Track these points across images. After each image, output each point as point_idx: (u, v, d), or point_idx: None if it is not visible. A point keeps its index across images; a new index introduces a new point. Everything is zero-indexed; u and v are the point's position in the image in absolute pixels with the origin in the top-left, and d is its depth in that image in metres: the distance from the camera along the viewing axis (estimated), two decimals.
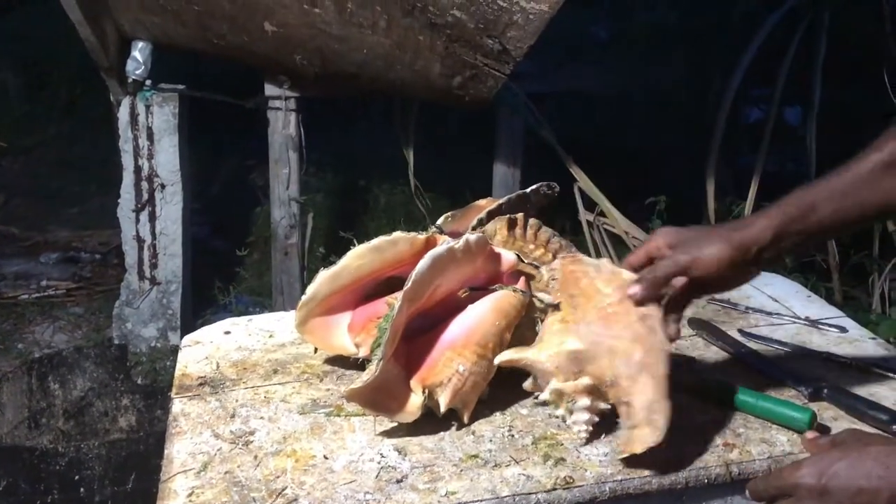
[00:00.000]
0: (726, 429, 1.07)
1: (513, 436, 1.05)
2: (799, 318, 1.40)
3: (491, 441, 1.04)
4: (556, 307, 1.07)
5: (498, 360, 1.04)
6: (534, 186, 1.29)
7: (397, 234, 1.12)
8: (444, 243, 1.07)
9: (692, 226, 1.07)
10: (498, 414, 1.09)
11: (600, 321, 1.02)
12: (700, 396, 1.12)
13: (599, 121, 4.93)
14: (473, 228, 1.23)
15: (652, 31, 5.20)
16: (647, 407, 0.97)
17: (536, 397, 1.07)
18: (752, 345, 1.29)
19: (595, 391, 1.01)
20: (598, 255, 3.10)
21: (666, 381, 0.98)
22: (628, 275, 1.05)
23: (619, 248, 3.17)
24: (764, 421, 1.08)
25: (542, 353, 1.02)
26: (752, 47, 3.13)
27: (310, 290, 1.14)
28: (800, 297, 1.49)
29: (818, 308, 1.45)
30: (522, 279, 1.13)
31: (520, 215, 1.24)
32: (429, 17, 2.31)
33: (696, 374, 1.18)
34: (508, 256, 1.14)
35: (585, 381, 1.00)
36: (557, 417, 1.05)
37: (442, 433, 1.05)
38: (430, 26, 2.35)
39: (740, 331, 1.34)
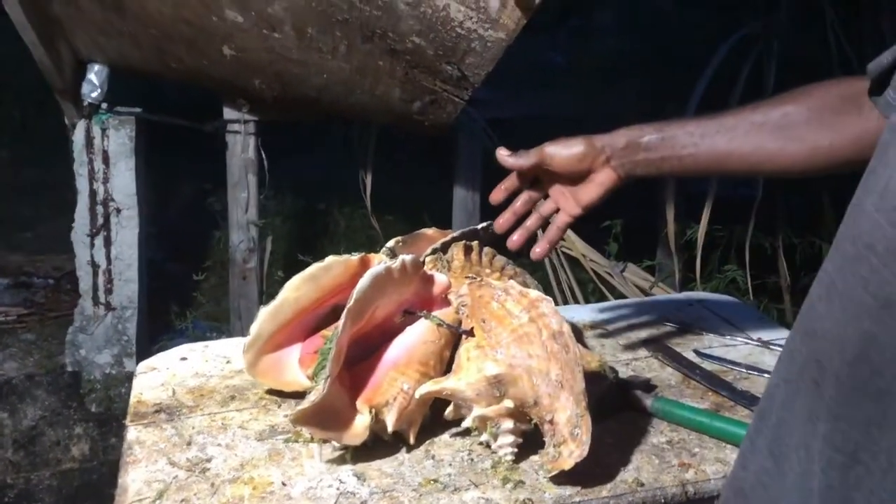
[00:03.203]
0: (682, 449, 1.09)
1: (472, 459, 1.05)
2: (752, 339, 1.43)
3: (450, 465, 1.04)
4: (470, 333, 1.08)
5: (418, 392, 1.04)
6: (483, 224, 1.31)
7: (330, 259, 1.12)
8: (380, 263, 1.08)
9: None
10: (457, 438, 1.09)
11: (515, 343, 1.03)
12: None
13: None
14: (432, 253, 1.24)
15: (608, 58, 5.31)
16: (571, 422, 0.99)
17: (458, 425, 1.07)
18: (707, 366, 1.32)
19: (517, 413, 1.02)
20: (557, 278, 3.14)
21: (584, 395, 1.01)
22: (536, 294, 1.08)
23: (577, 271, 3.20)
24: (719, 441, 1.10)
25: (461, 382, 1.03)
26: (704, 75, 3.21)
27: (253, 329, 1.13)
28: (753, 319, 1.53)
29: (770, 329, 1.48)
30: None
31: (475, 243, 1.26)
32: (388, 44, 2.33)
33: (651, 394, 1.20)
34: (440, 279, 1.15)
35: (507, 404, 1.01)
36: (482, 444, 1.06)
37: (400, 457, 1.05)
38: (390, 52, 2.37)
39: (695, 352, 1.37)
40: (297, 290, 1.11)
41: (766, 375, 1.29)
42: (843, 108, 1.02)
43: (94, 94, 2.89)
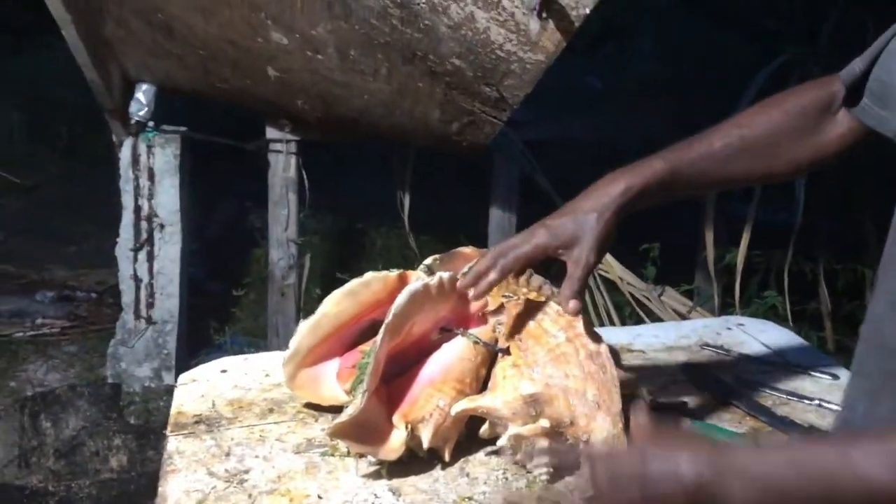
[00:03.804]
0: None
1: (507, 478, 1.05)
2: (791, 364, 1.41)
3: (485, 483, 1.04)
4: (506, 351, 1.08)
5: (454, 409, 1.04)
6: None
7: (369, 275, 1.14)
8: (417, 280, 1.09)
9: (555, 212, 1.10)
10: (493, 456, 1.09)
11: (551, 362, 1.03)
12: None
13: (594, 168, 4.98)
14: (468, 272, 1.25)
15: (644, 81, 5.30)
16: (606, 443, 0.98)
17: (494, 443, 1.07)
18: (745, 390, 1.30)
19: (553, 433, 1.01)
20: (593, 301, 3.12)
21: (621, 417, 1.00)
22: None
23: (614, 294, 3.19)
24: None
25: (497, 400, 1.03)
26: (744, 99, 3.19)
27: (293, 344, 1.15)
28: (793, 345, 1.51)
29: (811, 355, 1.46)
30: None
31: None
32: (429, 65, 2.36)
33: (689, 418, 1.19)
34: None
35: (543, 423, 1.01)
36: (517, 463, 1.06)
37: (435, 474, 1.05)
38: (430, 74, 2.40)
39: (734, 376, 1.36)
40: (336, 305, 1.12)
41: (805, 401, 1.28)
42: (819, 115, 1.05)
43: (142, 113, 2.96)
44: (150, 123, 3.00)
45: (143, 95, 2.94)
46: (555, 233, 1.06)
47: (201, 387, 1.29)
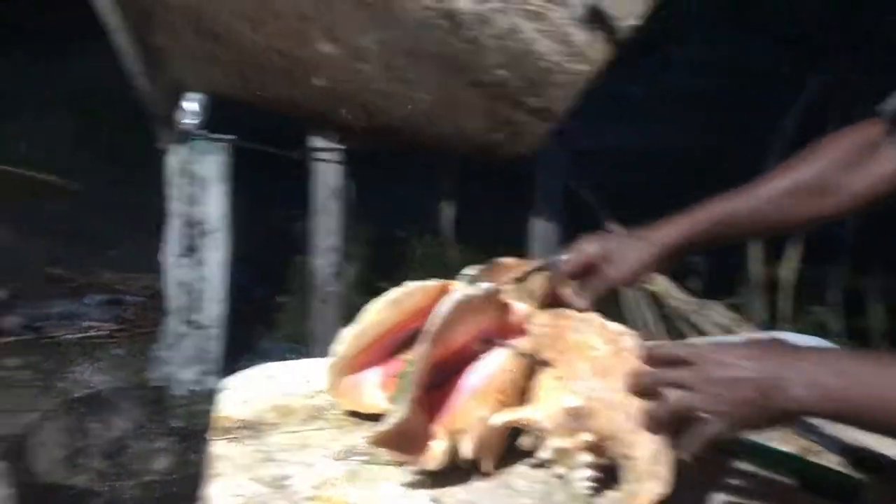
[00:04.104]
0: (767, 492, 1.05)
1: (548, 491, 1.04)
2: None
3: (526, 496, 1.03)
4: (548, 363, 1.07)
5: (495, 421, 1.04)
6: (564, 256, 1.30)
7: (412, 284, 1.14)
8: (459, 290, 1.09)
9: (611, 233, 1.22)
10: (534, 469, 1.08)
11: (595, 375, 1.02)
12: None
13: (638, 178, 4.94)
14: (511, 282, 1.24)
15: (687, 92, 5.25)
16: (650, 459, 0.97)
17: (535, 456, 1.06)
18: None
19: (596, 447, 1.00)
20: (637, 314, 3.09)
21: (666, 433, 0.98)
22: (617, 327, 1.06)
23: (658, 308, 3.15)
24: (804, 486, 1.06)
25: (539, 412, 1.02)
26: (794, 110, 3.14)
27: (336, 351, 1.16)
28: None
29: None
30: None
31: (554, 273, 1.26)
32: (473, 76, 2.36)
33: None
34: (519, 308, 1.15)
35: (586, 437, 1.00)
36: (558, 476, 1.04)
37: (476, 485, 1.05)
38: (474, 84, 2.40)
39: None
40: (379, 313, 1.13)
41: None
42: (871, 150, 1.09)
43: (189, 121, 3.01)
44: (198, 131, 3.05)
45: (190, 104, 2.99)
46: (604, 244, 1.14)
47: (244, 392, 1.30)
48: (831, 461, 1.13)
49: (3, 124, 5.68)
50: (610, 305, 1.37)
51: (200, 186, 3.08)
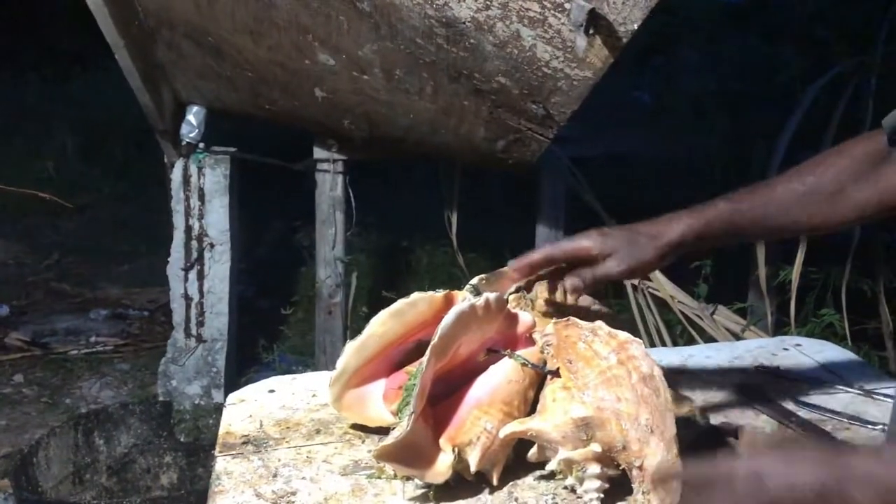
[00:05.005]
0: None
1: (556, 503, 1.03)
2: (853, 387, 1.36)
3: None
4: (555, 374, 1.05)
5: (503, 432, 1.02)
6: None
7: (416, 295, 1.12)
8: (464, 300, 1.07)
9: (614, 228, 1.15)
10: (541, 481, 1.07)
11: (603, 385, 1.00)
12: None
13: (643, 184, 4.93)
14: (516, 292, 1.23)
15: (694, 96, 5.23)
16: (660, 469, 0.95)
17: (542, 467, 1.05)
18: (804, 414, 1.26)
19: (605, 458, 0.99)
20: (644, 320, 3.07)
21: (675, 442, 0.97)
22: (625, 336, 1.05)
23: (664, 313, 3.13)
24: None
25: (547, 423, 1.00)
26: (796, 113, 3.12)
27: (339, 364, 1.14)
28: (853, 366, 1.46)
29: (872, 377, 1.41)
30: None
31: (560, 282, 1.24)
32: (474, 84, 2.36)
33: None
34: (525, 318, 1.14)
35: (595, 448, 0.98)
36: (566, 488, 1.03)
37: (483, 498, 1.03)
38: (476, 92, 2.40)
39: (792, 399, 1.31)
40: (382, 325, 1.12)
41: (868, 426, 1.22)
42: (880, 161, 1.08)
43: (192, 135, 3.02)
44: (201, 145, 3.05)
45: (193, 117, 2.99)
46: (605, 239, 1.11)
47: (249, 407, 1.29)
48: None
49: (12, 141, 5.71)
50: (616, 312, 1.35)
51: (203, 200, 3.08)
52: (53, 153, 5.84)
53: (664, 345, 2.94)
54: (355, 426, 1.20)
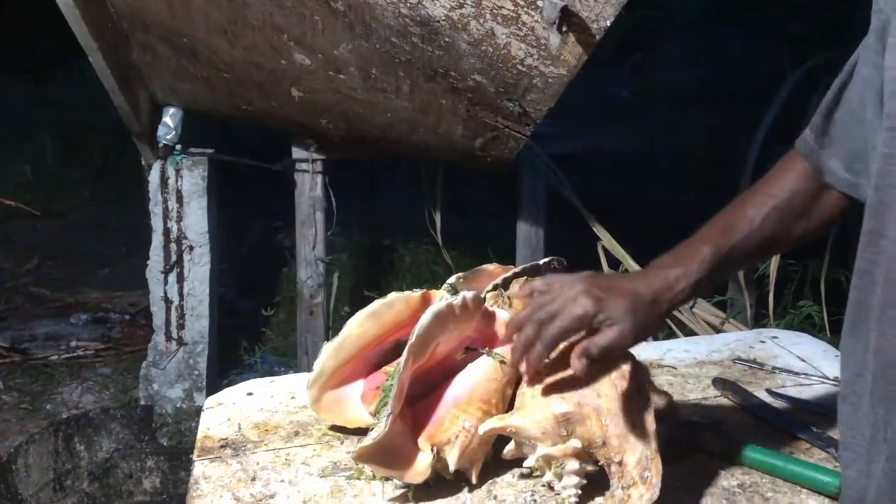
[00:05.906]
0: (755, 493, 1.05)
1: (535, 500, 1.03)
2: (828, 378, 1.38)
3: None
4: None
5: (482, 429, 1.02)
6: (546, 260, 1.29)
7: (392, 296, 1.12)
8: (441, 300, 1.07)
9: (608, 282, 1.04)
10: (520, 478, 1.07)
11: (582, 381, 1.01)
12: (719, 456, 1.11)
13: (622, 180, 4.95)
14: (493, 290, 1.23)
15: (673, 91, 5.26)
16: (640, 464, 0.96)
17: (520, 465, 1.05)
18: (780, 406, 1.27)
19: (583, 454, 0.99)
20: None
21: (655, 437, 0.98)
22: None
23: None
24: (793, 485, 1.06)
25: (527, 419, 1.00)
26: (773, 106, 3.14)
27: (316, 365, 1.14)
28: (828, 357, 1.47)
29: None
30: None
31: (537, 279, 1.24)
32: (450, 82, 2.36)
33: (723, 436, 1.16)
34: (502, 316, 1.14)
35: (574, 444, 0.98)
36: (545, 485, 1.03)
37: (462, 496, 1.04)
38: (452, 90, 2.40)
39: (768, 391, 1.32)
40: (359, 326, 1.12)
41: None
42: (803, 206, 1.11)
43: (169, 136, 3.00)
44: (178, 146, 3.04)
45: (170, 119, 2.98)
46: (603, 308, 0.98)
47: (227, 410, 1.29)
48: (819, 459, 1.12)
49: None
50: None
51: (182, 202, 3.06)
52: (32, 156, 5.79)
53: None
54: (334, 428, 1.20)
